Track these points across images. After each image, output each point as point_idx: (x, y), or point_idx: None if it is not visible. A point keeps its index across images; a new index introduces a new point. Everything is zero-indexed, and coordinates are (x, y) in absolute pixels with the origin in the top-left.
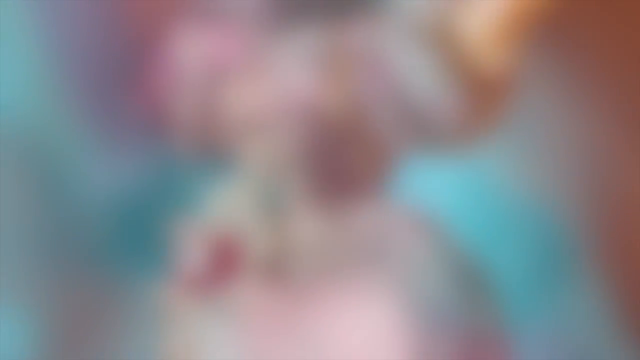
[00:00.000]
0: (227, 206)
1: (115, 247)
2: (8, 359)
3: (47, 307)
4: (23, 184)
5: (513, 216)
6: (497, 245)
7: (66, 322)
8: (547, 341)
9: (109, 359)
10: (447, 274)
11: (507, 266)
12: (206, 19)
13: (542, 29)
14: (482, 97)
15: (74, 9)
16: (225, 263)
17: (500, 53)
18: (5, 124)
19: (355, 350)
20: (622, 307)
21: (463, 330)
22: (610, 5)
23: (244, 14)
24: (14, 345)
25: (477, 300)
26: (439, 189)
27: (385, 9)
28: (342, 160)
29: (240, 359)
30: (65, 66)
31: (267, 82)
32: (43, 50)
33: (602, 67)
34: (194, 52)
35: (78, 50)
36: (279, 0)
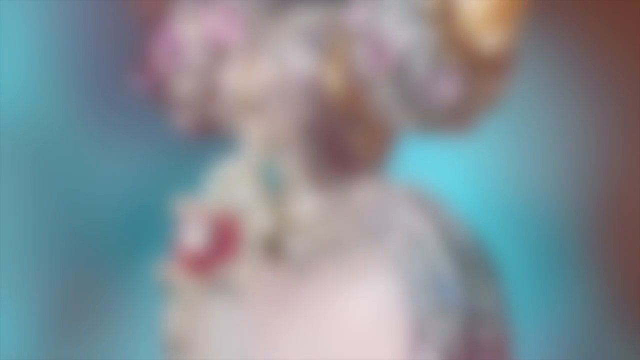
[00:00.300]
0: (227, 184)
1: (116, 228)
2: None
3: (49, 290)
4: (23, 171)
5: (511, 198)
6: (495, 225)
7: (68, 304)
8: (545, 334)
9: (113, 339)
10: (446, 252)
11: (507, 250)
12: None
13: (542, 9)
14: (481, 76)
15: None
16: (225, 241)
17: (500, 32)
18: (8, 115)
19: (355, 327)
20: (622, 300)
21: (463, 309)
22: None
23: None
24: (17, 329)
25: (478, 280)
26: (438, 168)
27: None
28: (342, 138)
29: (241, 337)
30: (65, 49)
31: (267, 61)
32: (43, 37)
33: (602, 48)
34: (193, 31)
35: (77, 33)
36: None
